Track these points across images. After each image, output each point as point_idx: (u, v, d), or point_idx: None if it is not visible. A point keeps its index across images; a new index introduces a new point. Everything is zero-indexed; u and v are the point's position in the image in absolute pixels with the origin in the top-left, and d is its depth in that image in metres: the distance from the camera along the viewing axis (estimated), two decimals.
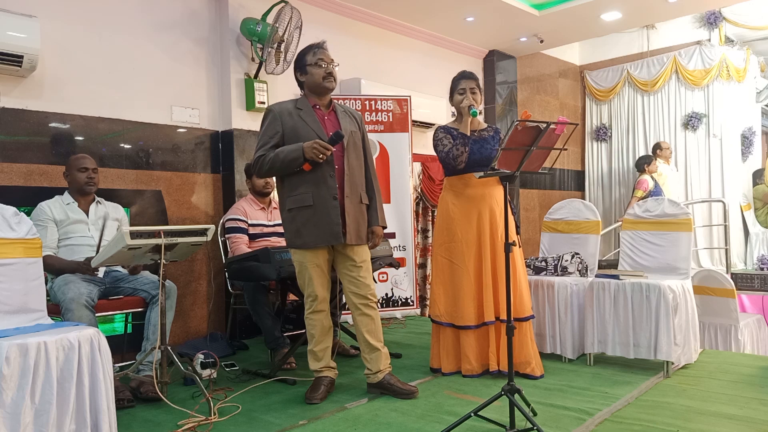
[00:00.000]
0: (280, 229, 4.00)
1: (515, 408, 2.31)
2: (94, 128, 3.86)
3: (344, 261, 2.89)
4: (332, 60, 2.90)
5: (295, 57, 3.00)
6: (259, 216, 3.93)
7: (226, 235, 3.88)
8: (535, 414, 2.57)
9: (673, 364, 3.20)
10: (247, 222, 3.85)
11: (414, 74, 5.86)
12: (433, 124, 5.46)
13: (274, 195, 4.12)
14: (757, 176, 7.16)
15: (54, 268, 2.98)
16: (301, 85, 2.95)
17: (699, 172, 7.14)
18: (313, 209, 2.78)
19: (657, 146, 6.91)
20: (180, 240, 2.76)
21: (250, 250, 3.69)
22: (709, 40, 7.20)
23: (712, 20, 7.11)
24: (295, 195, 2.81)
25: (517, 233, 3.12)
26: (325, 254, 2.87)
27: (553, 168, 6.31)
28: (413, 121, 5.34)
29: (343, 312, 3.94)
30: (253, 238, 3.85)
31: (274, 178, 3.98)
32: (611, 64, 7.89)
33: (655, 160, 6.69)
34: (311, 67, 2.87)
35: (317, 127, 2.83)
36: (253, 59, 4.53)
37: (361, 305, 2.89)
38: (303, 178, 2.80)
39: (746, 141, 7.02)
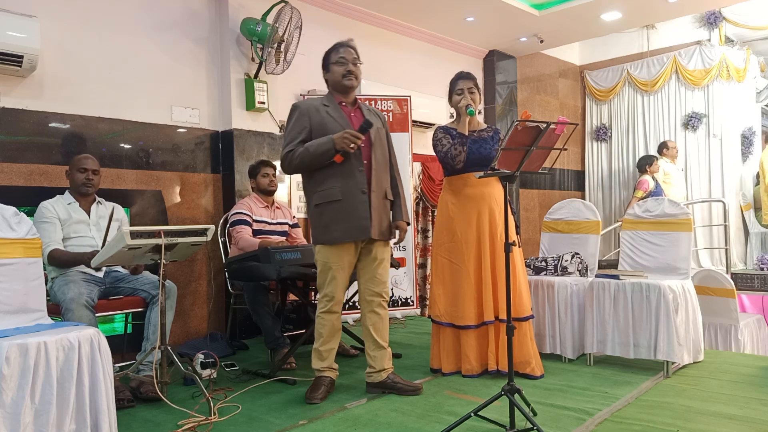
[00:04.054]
0: (282, 228, 4.02)
1: (515, 408, 2.31)
2: (94, 128, 3.86)
3: (366, 256, 2.90)
4: (355, 58, 2.92)
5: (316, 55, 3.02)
6: (263, 213, 3.95)
7: (230, 228, 3.87)
8: (535, 414, 2.57)
9: (673, 363, 3.20)
10: (251, 217, 3.86)
11: (414, 74, 5.86)
12: (433, 124, 5.46)
13: (276, 196, 4.14)
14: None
15: (62, 261, 2.98)
16: (327, 83, 2.98)
17: (699, 172, 7.14)
18: (341, 204, 2.78)
19: (663, 145, 6.90)
20: (180, 240, 2.75)
21: (254, 239, 3.69)
22: (709, 40, 7.19)
23: (712, 20, 7.10)
24: (323, 190, 2.80)
25: (517, 233, 3.12)
26: (352, 252, 2.85)
27: (553, 168, 6.32)
28: (413, 121, 5.34)
29: (343, 312, 3.94)
30: (255, 234, 3.85)
31: (275, 177, 4.04)
32: (611, 64, 7.89)
33: (658, 160, 6.68)
34: (333, 65, 2.90)
35: (345, 122, 2.85)
36: (253, 59, 4.53)
37: (373, 302, 2.91)
38: (331, 173, 2.79)
39: (746, 141, 7.01)
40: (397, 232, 3.00)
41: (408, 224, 3.03)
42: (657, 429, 2.41)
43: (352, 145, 2.72)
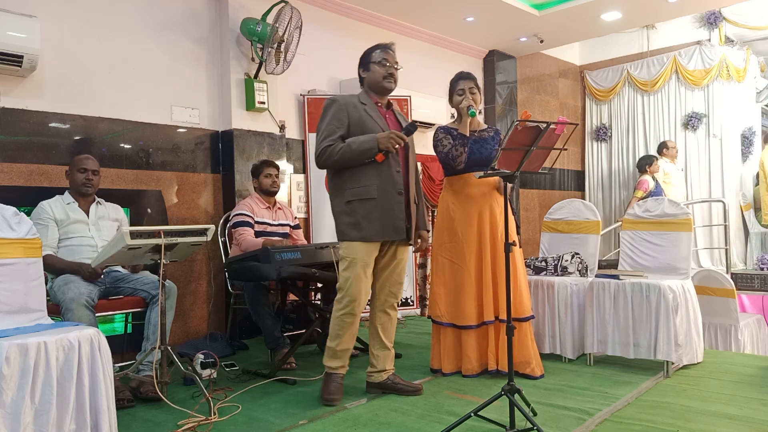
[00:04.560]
0: (283, 229, 4.02)
1: (515, 408, 2.31)
2: (94, 128, 3.86)
3: (387, 255, 2.91)
4: (396, 62, 2.94)
5: (362, 53, 3.00)
6: (265, 214, 3.95)
7: (233, 229, 3.87)
8: (535, 414, 2.57)
9: (673, 364, 3.20)
10: (253, 218, 3.86)
11: (414, 74, 5.84)
12: (433, 124, 5.46)
13: (277, 197, 4.13)
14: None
15: (54, 268, 2.97)
16: (361, 81, 2.98)
17: (699, 172, 7.14)
18: (376, 202, 2.77)
19: (663, 145, 6.90)
20: (180, 240, 2.75)
21: (258, 240, 3.69)
22: (709, 40, 7.19)
23: (712, 20, 7.10)
24: (358, 187, 2.78)
25: (518, 233, 3.12)
26: (377, 252, 2.84)
27: (553, 168, 6.32)
28: (413, 120, 5.33)
29: None
30: (256, 235, 3.84)
31: (278, 177, 4.04)
32: (611, 64, 7.89)
33: (658, 159, 6.68)
34: (374, 65, 2.91)
35: (382, 122, 2.87)
36: (253, 59, 4.53)
37: (387, 302, 2.94)
38: (368, 171, 2.78)
39: (746, 141, 7.01)
40: (419, 240, 3.04)
41: (428, 232, 3.06)
42: (657, 429, 2.42)
43: (397, 146, 2.74)
